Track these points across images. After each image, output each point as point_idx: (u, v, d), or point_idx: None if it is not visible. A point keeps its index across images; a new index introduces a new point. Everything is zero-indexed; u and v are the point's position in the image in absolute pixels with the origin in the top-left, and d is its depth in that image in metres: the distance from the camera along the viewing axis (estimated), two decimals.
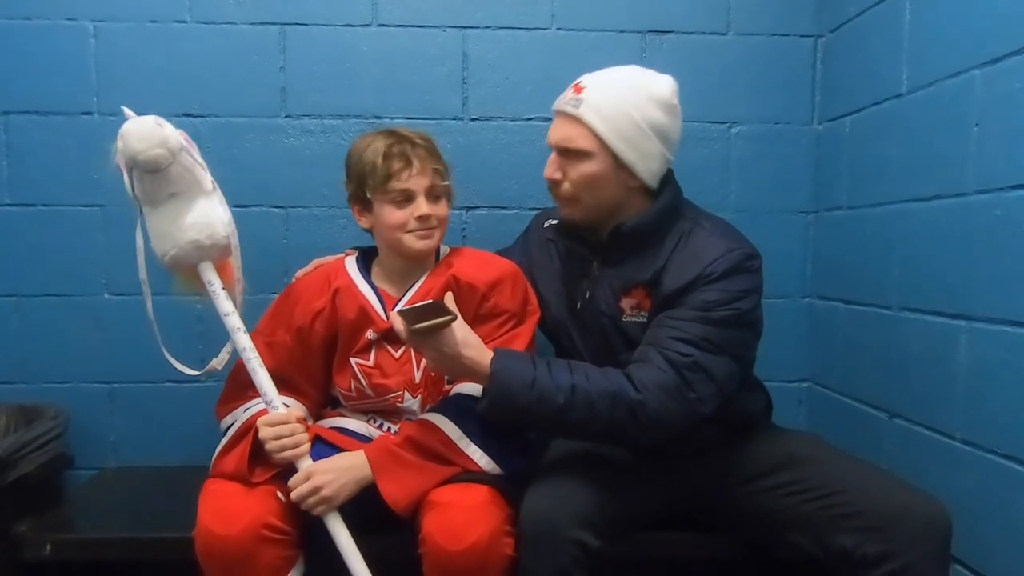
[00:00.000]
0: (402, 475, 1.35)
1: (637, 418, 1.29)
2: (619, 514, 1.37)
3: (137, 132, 1.25)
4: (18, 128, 1.88)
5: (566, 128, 1.43)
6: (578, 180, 1.43)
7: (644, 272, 1.43)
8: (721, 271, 1.35)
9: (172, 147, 1.27)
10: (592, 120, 1.39)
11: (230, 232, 1.37)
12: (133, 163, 1.27)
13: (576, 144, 1.41)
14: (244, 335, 1.38)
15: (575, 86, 1.44)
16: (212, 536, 1.29)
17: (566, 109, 1.43)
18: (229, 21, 1.90)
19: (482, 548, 1.25)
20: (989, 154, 1.36)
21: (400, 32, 1.93)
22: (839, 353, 1.90)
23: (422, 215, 1.47)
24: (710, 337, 1.32)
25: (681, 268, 1.39)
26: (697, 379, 1.31)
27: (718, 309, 1.34)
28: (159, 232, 1.34)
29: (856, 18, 1.81)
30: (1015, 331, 1.29)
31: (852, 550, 1.26)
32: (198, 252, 1.35)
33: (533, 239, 1.67)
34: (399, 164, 1.45)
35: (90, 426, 1.93)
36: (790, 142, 2.00)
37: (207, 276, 1.37)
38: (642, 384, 1.29)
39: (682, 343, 1.32)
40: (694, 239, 1.42)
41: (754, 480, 1.42)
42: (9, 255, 1.90)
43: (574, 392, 1.28)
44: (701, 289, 1.35)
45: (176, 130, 1.30)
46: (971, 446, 1.40)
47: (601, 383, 1.30)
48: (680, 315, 1.35)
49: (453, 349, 1.29)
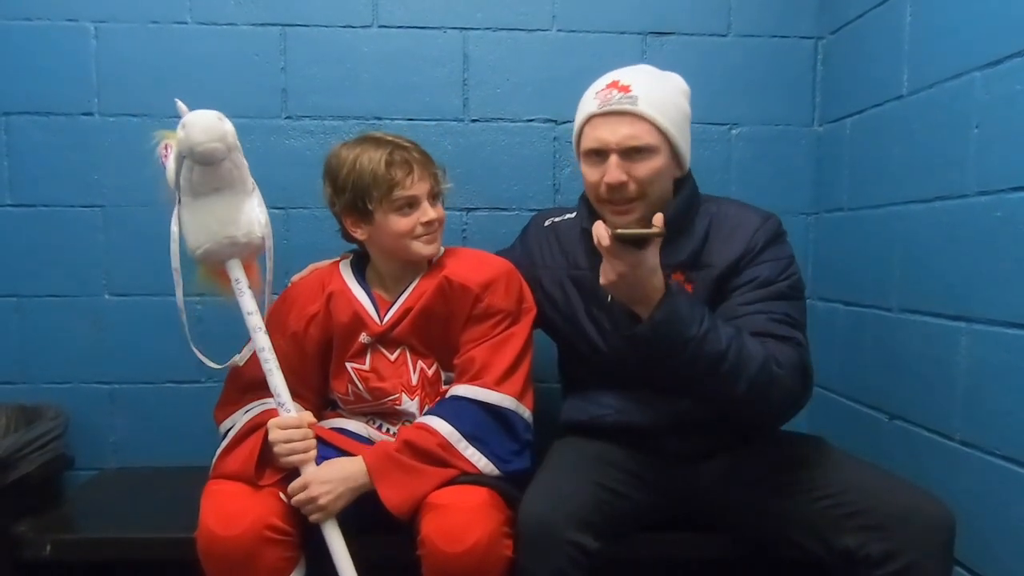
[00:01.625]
0: (401, 480, 1.35)
1: (774, 391, 1.31)
2: (618, 516, 1.37)
3: (201, 123, 1.27)
4: (19, 128, 1.89)
5: (627, 127, 1.39)
6: (646, 177, 1.40)
7: (681, 254, 1.44)
8: (764, 241, 1.42)
9: (230, 143, 1.30)
10: (653, 114, 1.38)
11: (266, 233, 1.38)
12: (190, 153, 1.28)
13: (643, 140, 1.38)
14: (264, 335, 1.39)
15: (616, 85, 1.41)
16: (214, 536, 1.29)
17: (623, 107, 1.39)
18: (230, 22, 1.90)
19: (481, 550, 1.25)
20: (989, 156, 1.36)
21: (401, 33, 1.93)
22: (839, 354, 1.89)
23: (429, 220, 1.47)
24: (791, 312, 1.38)
25: (725, 245, 1.43)
26: (808, 358, 1.36)
27: (779, 281, 1.39)
28: (197, 224, 1.35)
29: (857, 20, 1.81)
30: (1015, 332, 1.29)
31: (855, 550, 1.26)
32: (231, 249, 1.36)
33: (533, 240, 1.66)
34: (402, 172, 1.44)
35: (90, 426, 1.93)
36: (791, 143, 2.00)
37: (235, 273, 1.38)
38: (780, 362, 1.30)
39: (785, 326, 1.35)
40: (725, 216, 1.47)
41: (756, 481, 1.42)
42: (9, 255, 1.90)
43: (733, 343, 1.28)
44: (755, 264, 1.40)
45: (232, 128, 1.32)
46: (971, 447, 1.40)
47: (755, 346, 1.30)
48: (758, 296, 1.38)
49: (645, 269, 1.24)
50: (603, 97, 1.41)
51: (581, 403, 1.55)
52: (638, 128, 1.38)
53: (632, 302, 1.29)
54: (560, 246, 1.59)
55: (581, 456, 1.46)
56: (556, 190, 1.98)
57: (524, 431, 1.46)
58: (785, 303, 1.38)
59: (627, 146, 1.39)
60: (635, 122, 1.39)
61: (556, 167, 1.98)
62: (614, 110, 1.40)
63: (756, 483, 1.41)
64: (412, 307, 1.50)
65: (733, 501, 1.44)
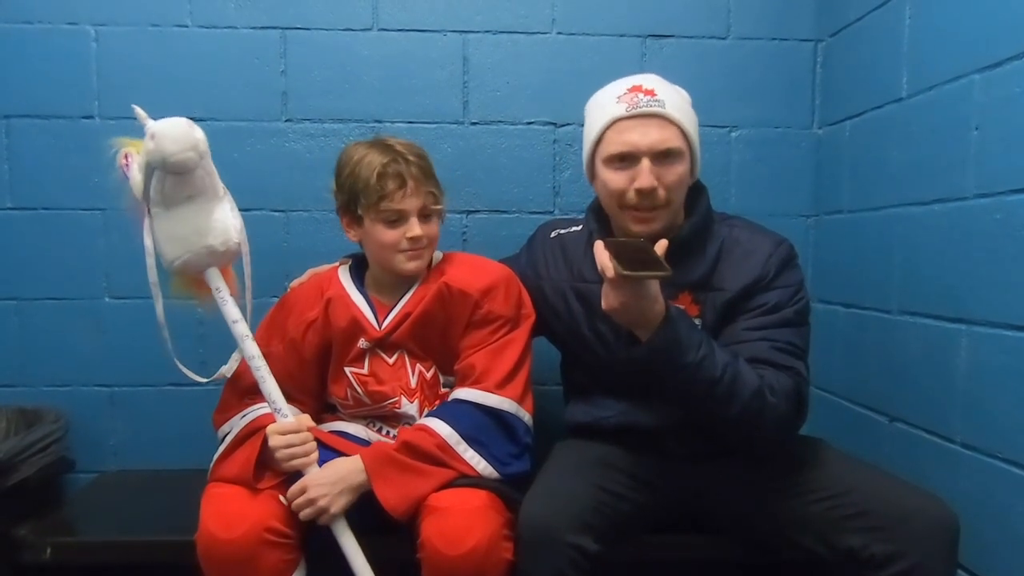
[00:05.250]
0: (399, 480, 1.35)
1: (765, 418, 1.30)
2: (619, 518, 1.36)
3: (172, 133, 1.23)
4: (19, 132, 1.89)
5: (658, 130, 1.37)
6: (674, 183, 1.39)
7: (691, 275, 1.43)
8: (776, 268, 1.41)
9: (201, 150, 1.26)
10: (680, 118, 1.38)
11: (241, 239, 1.37)
12: (162, 164, 1.24)
13: (674, 144, 1.37)
14: (252, 342, 1.38)
15: (640, 89, 1.39)
16: (214, 539, 1.29)
17: (653, 110, 1.37)
18: (230, 25, 1.91)
19: (481, 553, 1.25)
20: (989, 158, 1.36)
21: (401, 36, 1.93)
22: (839, 357, 1.89)
23: (414, 236, 1.45)
24: (794, 340, 1.38)
25: (737, 270, 1.42)
26: (804, 387, 1.36)
27: (787, 307, 1.39)
28: (172, 236, 1.32)
29: (856, 22, 1.81)
30: (1015, 335, 1.29)
31: (859, 550, 1.26)
32: (210, 258, 1.34)
33: (539, 250, 1.64)
34: (393, 185, 1.43)
35: (90, 429, 1.93)
36: (790, 146, 2.00)
37: (215, 283, 1.36)
38: (773, 390, 1.31)
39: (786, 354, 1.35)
40: (737, 240, 1.46)
41: (758, 482, 1.41)
42: (10, 258, 1.90)
43: (728, 369, 1.28)
44: (767, 291, 1.40)
45: (203, 134, 1.28)
46: (971, 450, 1.39)
47: (749, 374, 1.30)
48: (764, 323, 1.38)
49: (648, 298, 1.24)
50: (630, 100, 1.39)
51: (584, 406, 1.55)
52: (668, 132, 1.38)
53: (632, 325, 1.29)
54: (565, 258, 1.58)
55: (582, 458, 1.46)
56: (556, 192, 1.98)
57: (524, 434, 1.46)
58: (789, 330, 1.38)
59: (659, 149, 1.37)
60: (665, 125, 1.37)
61: (556, 170, 1.98)
62: (644, 112, 1.38)
63: (758, 485, 1.41)
64: (411, 312, 1.50)
65: (735, 503, 1.44)
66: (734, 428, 1.34)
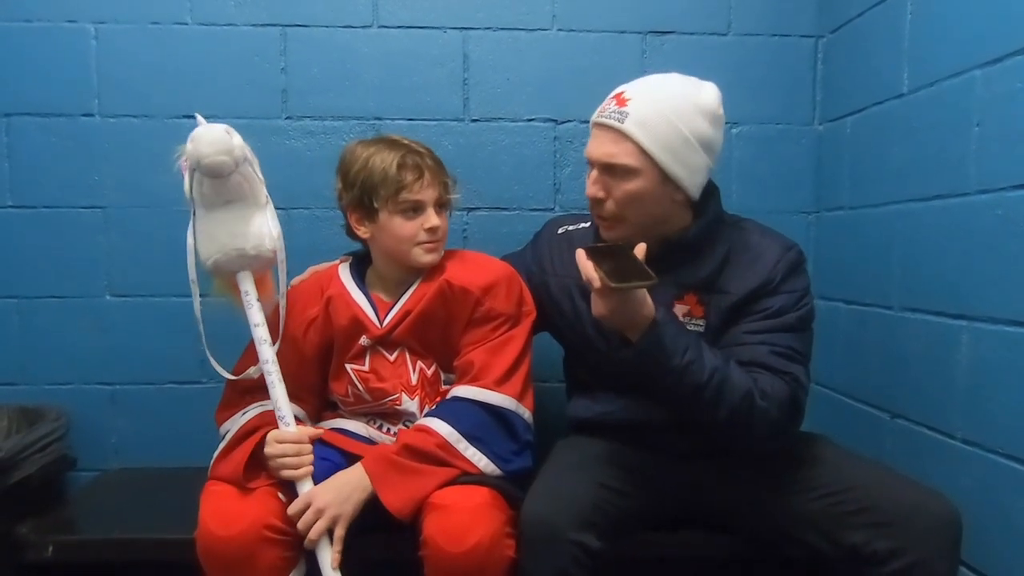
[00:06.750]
0: (401, 482, 1.34)
1: (755, 422, 1.30)
2: (621, 515, 1.36)
3: (207, 137, 1.28)
4: (19, 130, 1.89)
5: (609, 144, 1.35)
6: (623, 198, 1.36)
7: (696, 276, 1.42)
8: (783, 273, 1.40)
9: (236, 156, 1.31)
10: (638, 135, 1.32)
11: (277, 247, 1.39)
12: (197, 165, 1.30)
13: (621, 160, 1.34)
14: (269, 348, 1.39)
15: (617, 97, 1.37)
16: (213, 537, 1.29)
17: (609, 122, 1.35)
18: (230, 23, 1.90)
19: (483, 550, 1.25)
20: (990, 154, 1.36)
21: (401, 33, 1.93)
22: (840, 353, 1.89)
23: (432, 227, 1.47)
24: (795, 345, 1.36)
25: (744, 273, 1.41)
26: (801, 393, 1.35)
27: (790, 312, 1.38)
28: (208, 235, 1.36)
29: (857, 18, 1.81)
30: (1016, 331, 1.29)
31: (862, 546, 1.26)
32: (241, 261, 1.37)
33: (545, 246, 1.63)
34: (412, 176, 1.45)
35: (92, 428, 1.93)
36: (791, 142, 2.00)
37: (244, 286, 1.39)
38: (765, 394, 1.30)
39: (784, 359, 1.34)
40: (745, 243, 1.44)
41: (761, 479, 1.42)
42: (11, 257, 1.90)
43: (716, 374, 1.28)
44: (772, 295, 1.39)
45: (242, 142, 1.33)
46: (973, 446, 1.39)
47: (740, 378, 1.30)
48: (765, 327, 1.37)
49: (635, 303, 1.24)
50: (602, 106, 1.40)
51: (587, 402, 1.55)
52: (619, 147, 1.34)
53: (623, 328, 1.29)
54: (571, 255, 1.58)
55: (584, 455, 1.46)
56: (557, 190, 1.98)
57: (524, 431, 1.46)
58: (790, 335, 1.37)
59: (603, 163, 1.37)
60: (618, 140, 1.34)
61: (557, 167, 1.98)
62: (601, 122, 1.38)
63: (760, 482, 1.41)
64: (412, 310, 1.50)
65: (737, 500, 1.44)
66: (723, 431, 1.34)
